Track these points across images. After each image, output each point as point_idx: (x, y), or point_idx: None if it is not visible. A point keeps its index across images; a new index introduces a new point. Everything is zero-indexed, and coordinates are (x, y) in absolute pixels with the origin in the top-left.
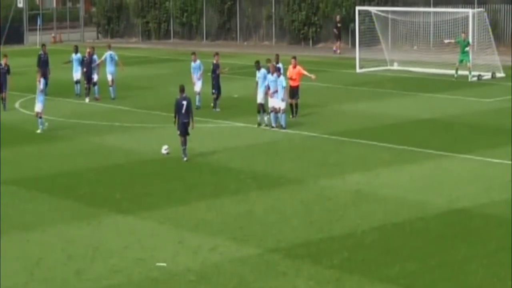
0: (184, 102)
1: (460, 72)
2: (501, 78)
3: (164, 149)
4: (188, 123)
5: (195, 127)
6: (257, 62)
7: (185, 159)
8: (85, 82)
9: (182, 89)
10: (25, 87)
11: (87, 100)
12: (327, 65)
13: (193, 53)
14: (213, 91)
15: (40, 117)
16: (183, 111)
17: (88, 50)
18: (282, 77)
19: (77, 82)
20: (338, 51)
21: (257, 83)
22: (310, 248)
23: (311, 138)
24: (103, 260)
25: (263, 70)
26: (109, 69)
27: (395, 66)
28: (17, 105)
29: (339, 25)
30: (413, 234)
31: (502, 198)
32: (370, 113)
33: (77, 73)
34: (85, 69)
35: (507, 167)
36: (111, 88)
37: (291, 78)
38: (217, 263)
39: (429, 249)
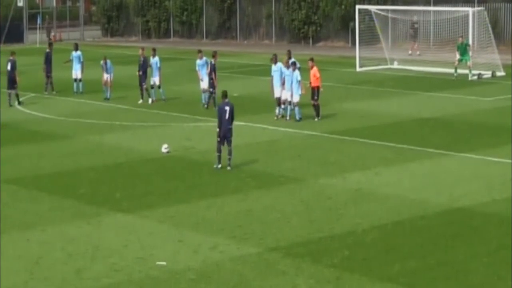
0: (227, 108)
1: (460, 71)
2: (501, 77)
3: (164, 148)
4: (231, 130)
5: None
6: (274, 56)
7: (228, 168)
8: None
9: (225, 95)
10: (25, 85)
11: (150, 101)
12: (327, 64)
13: (200, 51)
14: (211, 89)
15: None
16: (226, 117)
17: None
18: (297, 71)
19: (76, 80)
20: (418, 52)
21: (272, 77)
22: (310, 247)
23: (311, 137)
24: (103, 259)
25: (279, 64)
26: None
27: (395, 65)
28: (17, 103)
29: (416, 25)
30: (414, 232)
31: (503, 196)
32: (370, 111)
33: (76, 71)
34: (140, 72)
35: (508, 165)
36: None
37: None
38: (217, 261)
39: (429, 247)
